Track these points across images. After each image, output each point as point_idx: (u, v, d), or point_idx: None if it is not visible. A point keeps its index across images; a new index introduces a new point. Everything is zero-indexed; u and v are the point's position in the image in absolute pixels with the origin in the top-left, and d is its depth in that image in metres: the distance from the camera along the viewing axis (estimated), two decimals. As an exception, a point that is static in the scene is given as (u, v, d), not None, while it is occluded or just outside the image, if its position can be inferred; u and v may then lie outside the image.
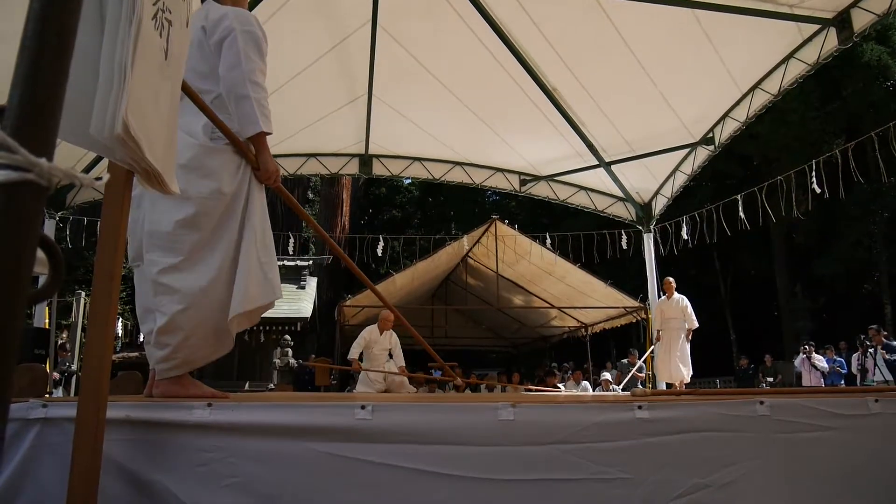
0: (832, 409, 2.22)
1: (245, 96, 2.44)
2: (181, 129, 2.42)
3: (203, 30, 2.54)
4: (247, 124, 2.46)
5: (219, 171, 2.43)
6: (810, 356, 13.18)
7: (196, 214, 2.36)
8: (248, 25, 2.52)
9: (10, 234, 0.62)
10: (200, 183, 2.38)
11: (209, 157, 2.43)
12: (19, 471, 1.89)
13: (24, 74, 0.64)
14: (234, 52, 2.45)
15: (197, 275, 2.36)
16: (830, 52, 6.46)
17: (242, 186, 2.49)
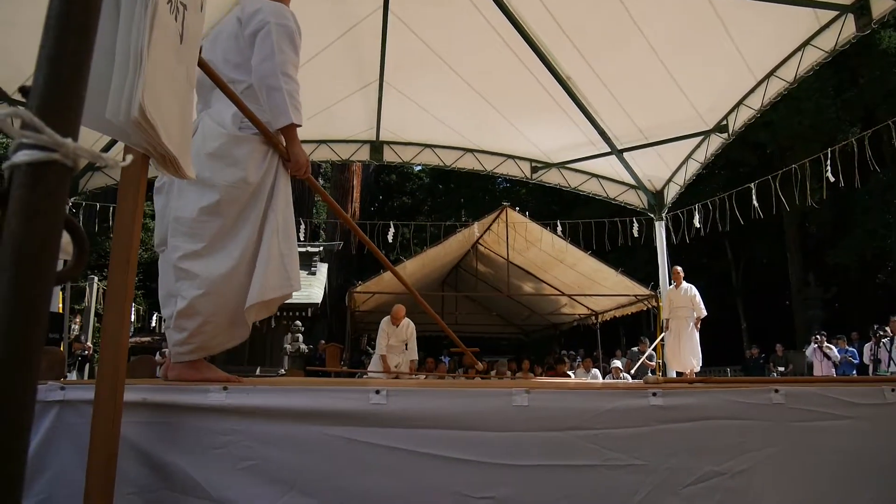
0: (847, 397, 2.21)
1: (277, 88, 2.45)
2: (211, 117, 2.52)
3: (238, 21, 2.57)
4: (278, 115, 2.48)
5: (245, 161, 2.44)
6: (822, 346, 13.10)
7: (220, 202, 2.38)
8: (283, 19, 2.54)
9: (37, 214, 0.62)
10: (226, 171, 2.41)
11: (236, 147, 2.45)
12: (38, 452, 1.91)
13: (48, 55, 0.64)
14: (268, 44, 2.47)
15: (217, 261, 2.37)
16: (848, 38, 6.37)
17: (268, 177, 2.51)
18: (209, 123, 2.50)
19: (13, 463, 0.58)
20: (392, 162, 10.63)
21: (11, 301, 0.60)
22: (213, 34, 2.75)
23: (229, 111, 2.48)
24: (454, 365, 16.93)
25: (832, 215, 23.19)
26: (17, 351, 0.60)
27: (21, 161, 0.63)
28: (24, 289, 0.61)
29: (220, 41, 2.64)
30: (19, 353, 0.60)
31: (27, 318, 0.61)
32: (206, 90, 2.61)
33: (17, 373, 0.60)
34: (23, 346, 0.60)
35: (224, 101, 2.46)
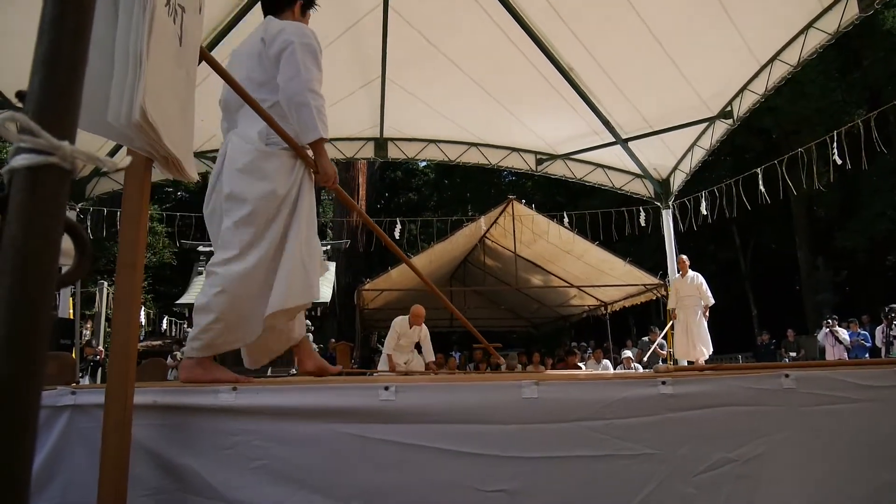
0: (859, 380, 2.19)
1: (305, 104, 2.53)
2: (238, 136, 2.64)
3: (262, 41, 2.67)
4: (306, 131, 2.56)
5: (274, 174, 2.54)
6: (833, 330, 13.04)
7: (252, 213, 2.48)
8: (306, 38, 2.65)
9: (36, 218, 0.62)
10: (257, 185, 2.51)
11: (265, 161, 2.55)
12: (51, 457, 1.92)
13: (43, 58, 0.64)
14: (294, 63, 2.56)
15: (238, 264, 2.46)
16: (851, 20, 6.32)
17: (294, 188, 2.60)
18: (237, 141, 2.61)
19: (19, 467, 0.58)
20: (397, 158, 10.63)
21: (12, 305, 0.60)
22: (233, 55, 2.86)
23: (255, 128, 2.58)
24: (464, 360, 16.96)
25: (840, 198, 23.07)
26: (20, 355, 0.60)
27: (19, 165, 0.63)
28: (26, 292, 0.61)
29: (242, 61, 2.74)
30: (22, 357, 0.60)
31: (29, 321, 0.61)
32: (231, 110, 2.75)
33: (20, 377, 0.60)
34: (25, 350, 0.60)
35: (250, 119, 2.58)
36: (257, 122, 2.54)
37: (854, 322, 13.62)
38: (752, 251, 27.06)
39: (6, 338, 0.59)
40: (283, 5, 2.89)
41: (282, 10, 2.87)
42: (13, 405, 0.58)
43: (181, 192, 32.72)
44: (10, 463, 0.57)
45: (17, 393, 0.59)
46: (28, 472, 0.58)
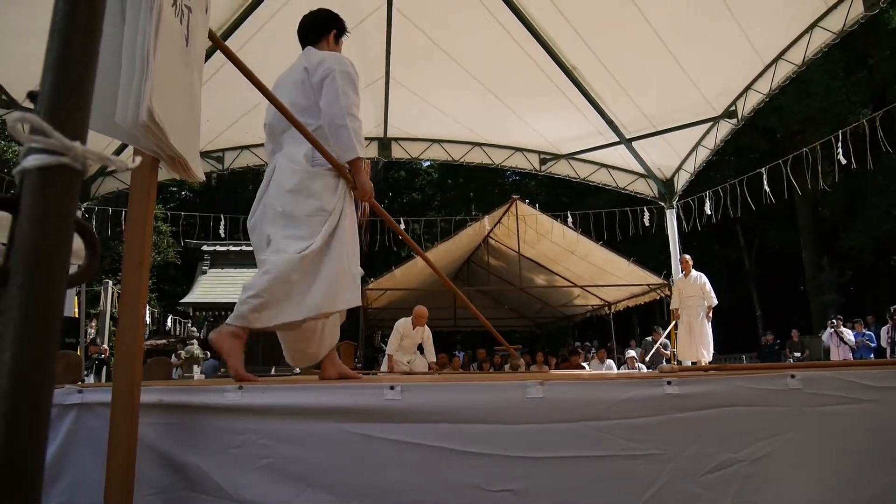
0: (865, 381, 2.19)
1: (344, 126, 2.77)
2: (285, 158, 2.86)
3: (305, 70, 2.91)
4: (346, 151, 2.79)
5: (321, 192, 2.77)
6: (838, 330, 13.00)
7: (302, 227, 2.71)
8: (344, 66, 2.90)
9: (47, 218, 0.63)
10: (305, 203, 2.74)
11: (312, 181, 2.77)
12: (58, 455, 1.93)
13: (54, 58, 0.64)
14: (334, 89, 2.81)
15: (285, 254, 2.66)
16: (856, 19, 6.31)
17: (339, 204, 2.81)
18: (284, 163, 2.84)
19: (31, 466, 0.58)
20: (400, 158, 10.64)
21: (25, 305, 0.61)
22: (277, 83, 3.06)
23: (301, 150, 2.82)
24: (468, 359, 16.96)
25: (845, 198, 23.00)
26: (32, 355, 0.60)
27: (31, 166, 0.63)
28: (37, 292, 0.61)
29: (287, 89, 2.94)
30: (34, 357, 0.60)
31: (41, 321, 0.61)
32: (277, 134, 2.99)
33: (32, 376, 0.60)
34: (38, 350, 0.61)
35: (295, 142, 2.83)
36: (302, 144, 2.79)
37: (859, 322, 13.58)
38: (756, 251, 27.01)
39: (18, 337, 0.60)
40: (319, 36, 3.18)
41: (318, 41, 3.16)
42: (26, 403, 0.59)
43: (185, 191, 32.82)
44: (24, 460, 0.57)
45: (30, 391, 0.59)
46: (41, 469, 0.59)
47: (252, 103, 8.71)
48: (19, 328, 0.60)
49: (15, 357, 0.60)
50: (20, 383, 0.59)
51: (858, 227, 21.77)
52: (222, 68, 7.54)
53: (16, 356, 0.60)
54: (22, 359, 0.60)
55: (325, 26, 3.23)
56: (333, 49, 3.20)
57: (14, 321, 0.61)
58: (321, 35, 3.20)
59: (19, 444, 0.58)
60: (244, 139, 9.75)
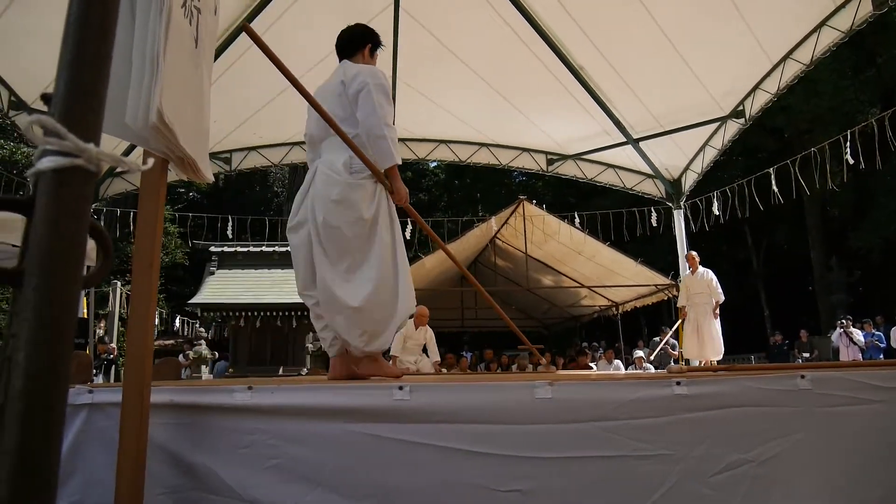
0: (875, 381, 2.18)
1: (382, 136, 2.98)
2: (325, 165, 3.08)
3: (342, 83, 3.12)
4: (384, 159, 3.01)
5: (359, 202, 2.98)
6: (848, 330, 12.93)
7: (345, 237, 2.96)
8: (378, 79, 3.09)
9: (62, 220, 0.63)
10: (346, 213, 2.96)
11: (352, 192, 2.99)
12: (69, 455, 1.94)
13: (68, 60, 0.65)
14: (370, 102, 2.99)
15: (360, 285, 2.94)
16: (865, 18, 6.27)
17: (379, 211, 3.04)
18: (325, 171, 3.06)
19: (46, 466, 0.59)
20: (407, 159, 10.63)
21: (39, 306, 0.61)
22: (315, 94, 3.20)
23: (340, 159, 3.04)
24: (475, 359, 16.94)
25: (853, 198, 22.87)
26: (47, 356, 0.61)
27: (45, 168, 0.64)
28: (52, 294, 0.62)
29: (325, 100, 3.12)
30: (49, 358, 0.61)
31: (56, 322, 0.62)
32: (316, 142, 3.22)
33: (47, 377, 0.60)
34: (52, 352, 0.61)
35: (333, 150, 3.07)
36: (340, 153, 3.03)
37: (868, 323, 13.50)
38: (764, 251, 26.89)
39: (33, 338, 0.60)
40: (355, 50, 3.42)
41: (353, 54, 3.40)
42: (41, 404, 0.59)
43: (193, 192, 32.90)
44: (39, 459, 0.58)
45: (45, 392, 0.60)
46: (56, 468, 0.59)
47: (260, 104, 8.75)
48: (34, 329, 0.61)
49: (29, 358, 0.60)
50: (35, 384, 0.60)
51: (867, 226, 21.65)
52: (230, 69, 7.59)
53: (30, 357, 0.60)
54: (37, 360, 0.60)
55: (361, 41, 3.48)
56: (369, 62, 3.44)
57: (29, 322, 0.61)
58: (357, 49, 3.43)
59: (34, 444, 0.58)
60: (252, 140, 9.77)
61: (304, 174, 3.24)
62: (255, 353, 14.92)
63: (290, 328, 14.87)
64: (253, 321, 14.71)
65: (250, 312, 14.67)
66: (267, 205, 35.47)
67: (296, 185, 22.74)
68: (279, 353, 15.09)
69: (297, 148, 10.11)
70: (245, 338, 14.97)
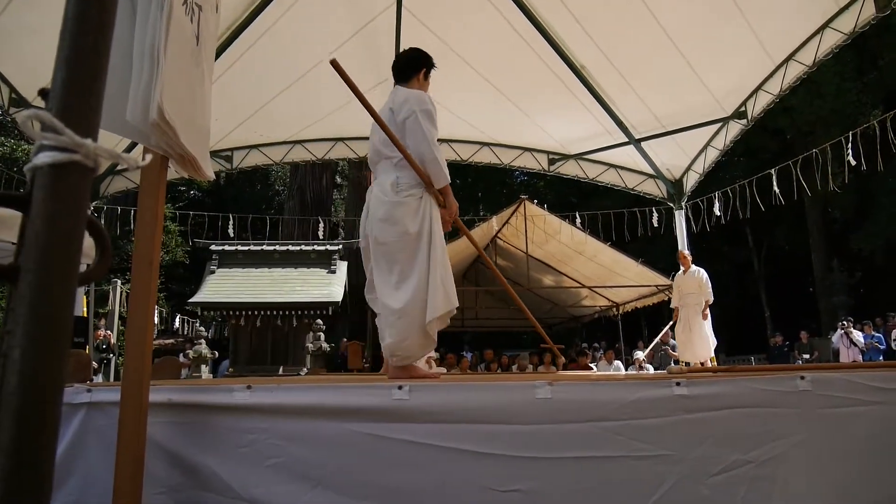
0: (875, 383, 2.17)
1: (434, 160, 3.26)
2: (377, 184, 3.37)
3: (391, 111, 3.41)
4: (438, 179, 3.30)
5: (403, 218, 3.22)
6: (848, 332, 12.92)
7: (394, 252, 3.21)
8: (424, 105, 3.35)
9: (59, 216, 0.62)
10: (392, 229, 3.21)
11: (396, 209, 3.23)
12: (67, 454, 1.93)
13: (66, 56, 0.64)
14: (419, 129, 3.27)
15: (403, 293, 3.16)
16: (867, 20, 6.26)
17: (424, 225, 3.25)
18: (377, 193, 3.33)
19: (41, 465, 0.58)
20: (409, 158, 10.60)
21: (36, 303, 0.61)
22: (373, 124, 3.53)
23: (388, 180, 3.30)
24: (476, 359, 16.94)
25: (855, 199, 22.84)
26: (43, 353, 0.60)
27: (42, 163, 0.63)
28: (49, 290, 0.61)
29: (377, 128, 3.43)
30: (45, 355, 0.60)
31: (52, 319, 0.61)
32: (374, 164, 3.53)
33: (43, 374, 0.60)
34: (49, 348, 0.61)
35: (384, 172, 3.36)
36: (389, 174, 3.31)
37: (868, 324, 13.49)
38: (765, 252, 26.86)
39: (29, 335, 0.60)
40: (410, 75, 3.68)
41: (409, 79, 3.66)
42: (37, 401, 0.59)
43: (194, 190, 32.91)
44: (35, 458, 0.57)
45: (41, 389, 0.59)
46: (51, 467, 0.59)
47: (261, 103, 8.75)
48: (30, 326, 0.60)
49: (25, 355, 0.60)
50: (30, 381, 0.59)
51: (868, 228, 21.62)
52: (232, 67, 7.59)
53: (26, 354, 0.60)
54: (32, 357, 0.60)
55: (415, 66, 3.73)
56: (423, 85, 3.72)
57: (24, 319, 0.61)
58: (412, 74, 3.69)
59: (29, 442, 0.58)
60: (253, 139, 9.77)
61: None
62: (255, 352, 14.90)
63: (291, 327, 14.84)
64: (253, 320, 14.69)
65: (251, 311, 14.65)
66: (268, 203, 35.46)
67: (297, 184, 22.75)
68: (279, 353, 15.06)
69: (297, 146, 10.10)
70: (245, 337, 14.94)
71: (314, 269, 15.71)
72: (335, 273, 15.79)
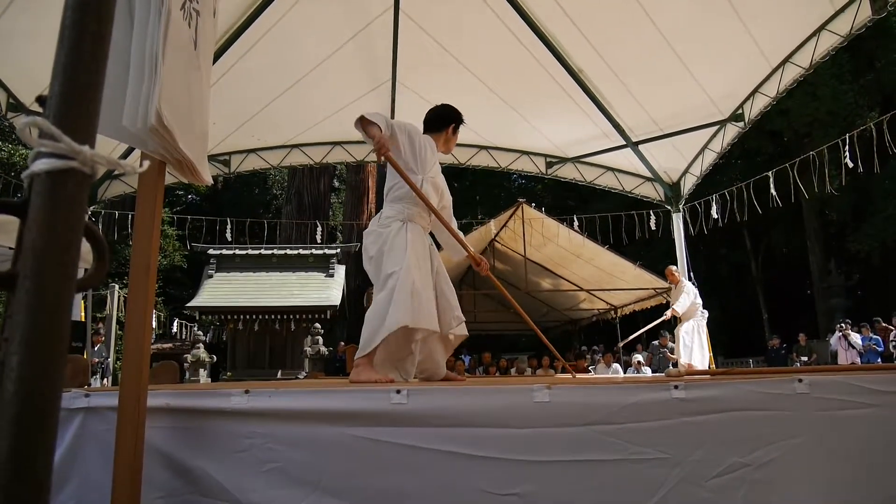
0: (873, 385, 2.18)
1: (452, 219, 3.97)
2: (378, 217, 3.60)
3: None
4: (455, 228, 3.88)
5: (369, 246, 3.48)
6: (846, 334, 12.94)
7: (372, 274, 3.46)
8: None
9: (56, 223, 0.63)
10: (364, 255, 3.54)
11: (367, 238, 3.52)
12: (65, 460, 1.93)
13: (64, 63, 0.65)
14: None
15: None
16: (864, 22, 6.27)
17: (383, 248, 3.39)
18: (374, 228, 3.55)
19: (39, 471, 0.58)
20: (406, 161, 10.60)
21: (33, 309, 0.61)
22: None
23: (380, 213, 3.59)
24: (474, 363, 16.93)
25: (852, 202, 22.89)
26: (41, 359, 0.60)
27: (40, 170, 0.63)
28: (45, 296, 0.61)
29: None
30: (43, 361, 0.60)
31: (50, 326, 0.61)
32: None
33: (41, 381, 0.60)
34: (46, 354, 0.61)
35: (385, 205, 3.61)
36: (384, 209, 3.60)
37: (866, 326, 13.51)
38: (763, 255, 26.90)
39: (27, 341, 0.60)
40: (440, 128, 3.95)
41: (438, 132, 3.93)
42: (34, 408, 0.59)
43: (192, 195, 32.90)
44: (31, 466, 0.57)
45: (39, 397, 0.59)
46: (49, 473, 0.59)
47: (259, 107, 8.75)
48: (27, 332, 0.60)
49: (22, 362, 0.60)
50: (28, 388, 0.59)
51: (866, 230, 21.67)
52: (230, 71, 7.59)
53: (24, 361, 0.60)
54: (30, 363, 0.60)
55: (446, 121, 3.96)
56: (450, 139, 3.99)
57: (22, 325, 0.61)
58: (442, 128, 3.93)
59: (27, 449, 0.58)
60: (250, 143, 9.77)
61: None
62: (253, 356, 14.90)
63: (289, 331, 14.85)
64: (251, 324, 14.69)
65: (249, 315, 14.64)
66: (266, 207, 35.48)
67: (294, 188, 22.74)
68: (277, 357, 15.07)
69: (295, 150, 10.10)
70: (243, 341, 14.95)
71: (312, 273, 15.73)
72: (333, 277, 15.81)
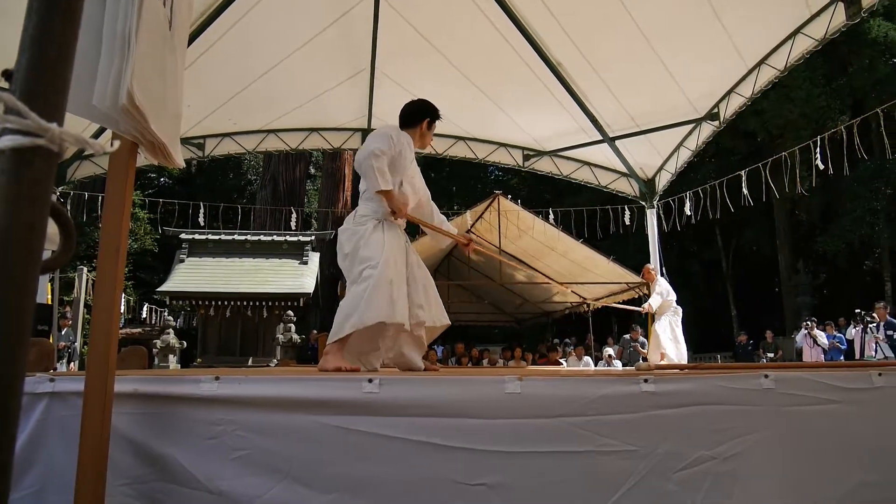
0: (836, 382, 2.23)
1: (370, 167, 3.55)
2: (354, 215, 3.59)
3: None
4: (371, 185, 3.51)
5: (343, 243, 3.52)
6: (812, 332, 13.19)
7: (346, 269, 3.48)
8: (379, 132, 3.64)
9: (22, 202, 0.61)
10: (339, 253, 3.56)
11: (342, 235, 3.55)
12: (28, 445, 1.89)
13: (32, 36, 0.63)
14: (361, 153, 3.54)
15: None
16: (838, 27, 6.38)
17: (358, 244, 3.43)
18: (350, 226, 3.55)
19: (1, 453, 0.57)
20: (384, 150, 10.55)
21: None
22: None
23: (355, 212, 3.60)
24: (447, 354, 16.97)
25: (821, 203, 23.29)
26: (3, 342, 0.59)
27: (5, 146, 0.61)
28: (9, 277, 0.60)
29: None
30: (6, 344, 0.59)
31: (13, 307, 0.60)
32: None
33: (3, 364, 0.58)
34: (9, 335, 0.59)
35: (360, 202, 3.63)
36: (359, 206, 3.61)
37: (830, 325, 13.79)
38: (733, 252, 27.28)
39: (-11, 322, 0.58)
40: (414, 124, 3.91)
41: (412, 127, 3.89)
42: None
43: (164, 178, 32.42)
44: (-9, 449, 0.56)
45: (1, 379, 0.58)
46: (10, 458, 0.57)
47: (234, 91, 8.63)
48: (-10, 313, 0.59)
49: (-15, 343, 0.58)
50: (-10, 370, 0.58)
51: (834, 231, 22.07)
52: (205, 54, 7.47)
53: (-14, 342, 0.58)
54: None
55: (420, 116, 3.93)
56: (426, 133, 3.94)
57: (-16, 306, 0.59)
58: (416, 123, 3.88)
59: (-12, 431, 0.56)
60: (226, 127, 9.64)
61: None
62: (224, 343, 14.75)
63: (261, 318, 14.72)
64: (223, 311, 14.53)
65: (220, 302, 14.48)
66: (240, 192, 35.07)
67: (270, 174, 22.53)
68: (249, 344, 14.93)
69: (271, 135, 10.00)
70: (214, 327, 14.78)
71: (286, 260, 15.58)
72: (307, 264, 15.68)
